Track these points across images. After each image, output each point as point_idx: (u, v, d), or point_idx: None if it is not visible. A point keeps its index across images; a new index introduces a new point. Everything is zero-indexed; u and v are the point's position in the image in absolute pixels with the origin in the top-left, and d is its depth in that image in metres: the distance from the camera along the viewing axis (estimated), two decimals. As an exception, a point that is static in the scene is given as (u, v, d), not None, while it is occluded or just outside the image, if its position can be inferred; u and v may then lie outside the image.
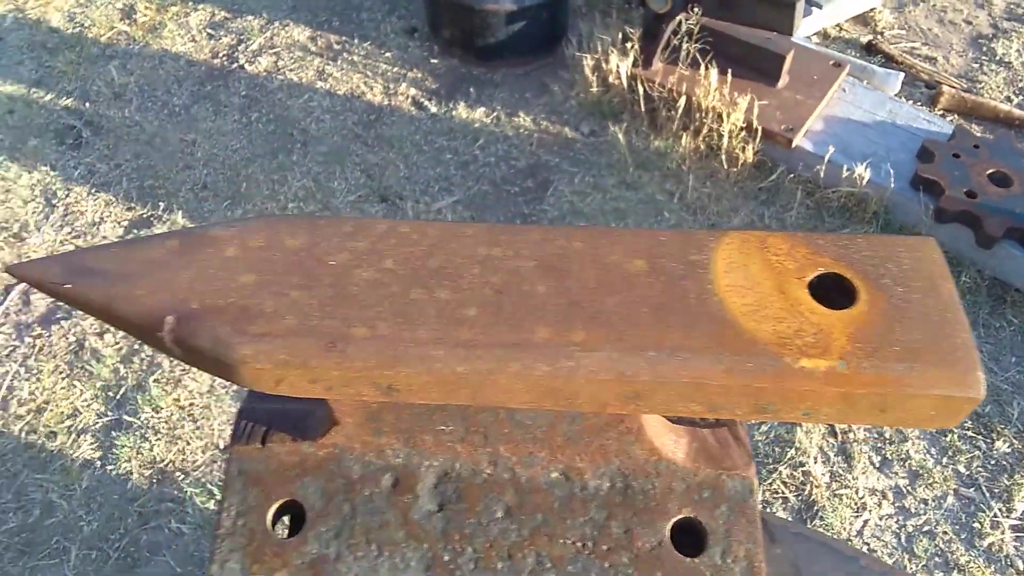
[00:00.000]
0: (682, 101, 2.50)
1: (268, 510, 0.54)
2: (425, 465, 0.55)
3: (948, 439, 1.95)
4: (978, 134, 2.53)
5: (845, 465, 1.91)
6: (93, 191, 2.55)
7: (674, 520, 0.53)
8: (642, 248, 0.42)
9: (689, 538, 0.52)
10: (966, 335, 0.40)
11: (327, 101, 2.73)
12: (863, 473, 1.89)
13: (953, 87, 2.76)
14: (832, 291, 0.42)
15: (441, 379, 0.40)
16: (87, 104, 2.76)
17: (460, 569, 0.52)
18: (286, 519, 0.57)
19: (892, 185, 2.31)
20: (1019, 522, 1.83)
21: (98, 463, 2.05)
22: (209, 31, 2.95)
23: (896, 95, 2.70)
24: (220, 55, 2.87)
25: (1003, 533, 1.81)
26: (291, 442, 0.55)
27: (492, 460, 0.55)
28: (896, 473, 1.91)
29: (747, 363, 0.39)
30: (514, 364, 0.39)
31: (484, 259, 0.42)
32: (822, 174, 2.40)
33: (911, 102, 2.66)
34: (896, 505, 1.85)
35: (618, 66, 2.57)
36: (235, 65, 2.83)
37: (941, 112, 2.71)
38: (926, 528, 1.82)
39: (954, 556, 1.77)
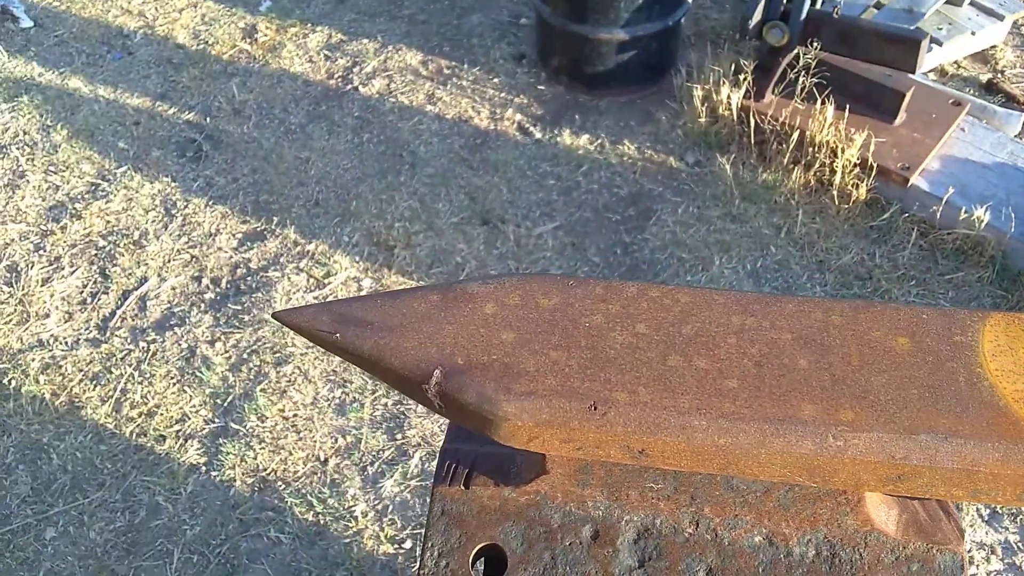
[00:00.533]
0: (795, 135, 2.47)
1: (470, 553, 0.55)
2: (626, 519, 0.55)
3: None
4: (1107, 180, 2.43)
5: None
6: (210, 203, 2.64)
7: (885, 595, 0.52)
8: (903, 325, 0.42)
9: (902, 614, 0.52)
10: None
11: (436, 124, 2.78)
12: (971, 526, 1.82)
13: (1078, 129, 2.66)
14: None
15: (698, 449, 0.40)
16: (208, 119, 2.88)
17: (667, 628, 0.52)
18: (480, 564, 0.58)
19: (1012, 230, 2.24)
20: None
21: (203, 468, 2.11)
22: (326, 52, 3.04)
23: (1017, 136, 2.61)
24: (336, 76, 2.96)
25: None
26: (494, 486, 0.56)
27: (694, 520, 0.55)
28: (1007, 528, 1.83)
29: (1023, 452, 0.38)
30: (778, 440, 0.39)
31: (739, 329, 0.42)
32: (938, 215, 2.34)
33: (1033, 143, 2.57)
34: (1006, 561, 1.78)
35: (729, 97, 2.55)
36: (349, 87, 2.91)
37: (1065, 155, 2.61)
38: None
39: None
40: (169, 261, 2.54)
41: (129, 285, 2.49)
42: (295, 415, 2.17)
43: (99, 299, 2.47)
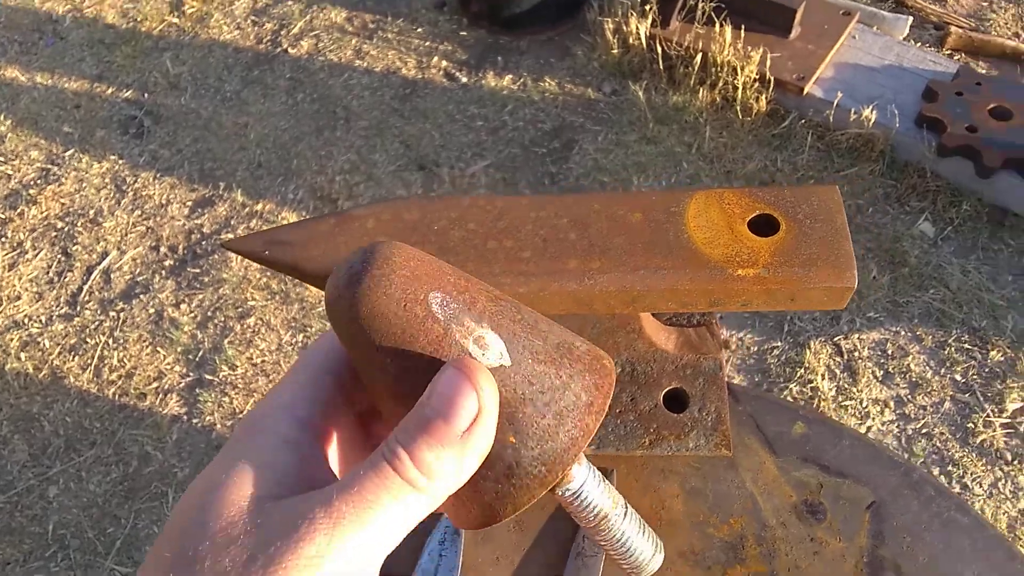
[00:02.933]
0: (699, 58, 2.67)
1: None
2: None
3: (946, 352, 2.15)
4: (983, 71, 2.67)
5: (850, 380, 2.12)
6: (158, 176, 2.80)
7: (665, 390, 0.75)
8: (639, 205, 0.64)
9: (676, 402, 0.75)
10: (848, 248, 0.61)
11: (365, 78, 2.94)
12: (867, 386, 2.10)
13: (961, 27, 2.89)
14: (764, 226, 0.63)
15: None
16: (146, 95, 3.01)
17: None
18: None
19: (897, 125, 2.47)
20: (1009, 420, 2.03)
21: (185, 417, 2.32)
22: (253, 18, 3.16)
23: (904, 38, 2.83)
24: (264, 40, 3.09)
25: (994, 431, 2.01)
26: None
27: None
28: (897, 384, 2.11)
29: (703, 274, 0.61)
30: (555, 284, 0.61)
31: (535, 219, 0.64)
32: (831, 118, 2.57)
33: (919, 44, 2.79)
34: (897, 412, 2.07)
35: (637, 27, 2.74)
36: (279, 49, 3.05)
37: (948, 52, 2.83)
38: (924, 430, 2.03)
39: (949, 453, 1.99)
40: (126, 235, 2.70)
41: (92, 261, 2.65)
42: (263, 361, 2.38)
43: (65, 277, 2.63)
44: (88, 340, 2.49)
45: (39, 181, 2.86)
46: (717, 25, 2.66)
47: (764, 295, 0.61)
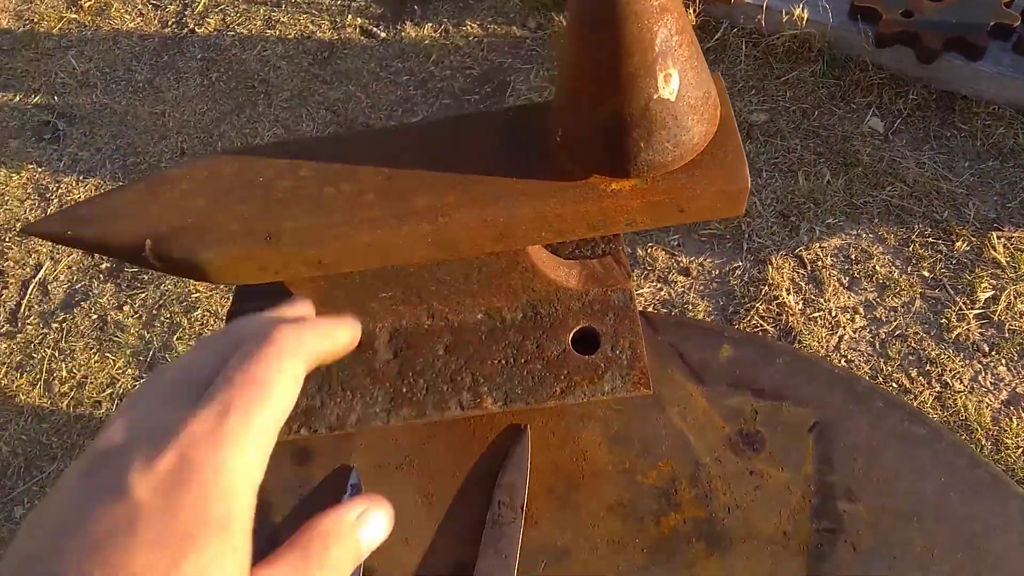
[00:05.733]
0: (618, -22, 2.55)
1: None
2: (379, 327, 0.69)
3: (911, 249, 2.09)
4: (913, -48, 2.57)
5: (816, 291, 2.06)
6: (81, 178, 2.66)
7: (573, 331, 0.67)
8: (496, 125, 0.55)
9: (586, 343, 0.67)
10: (736, 144, 0.52)
11: (280, 47, 2.80)
12: (834, 295, 2.04)
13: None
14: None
15: (354, 249, 0.54)
16: (55, 97, 2.85)
17: (415, 395, 0.67)
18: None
19: (831, 20, 2.38)
20: (982, 310, 1.98)
21: (145, 422, 2.23)
22: (153, 3, 3.00)
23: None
24: (169, 23, 2.93)
25: (968, 323, 1.96)
26: (273, 332, 0.69)
27: (430, 313, 0.69)
28: (865, 289, 2.05)
29: (572, 194, 0.52)
30: (405, 228, 0.53)
31: (377, 156, 0.55)
32: (763, 23, 2.47)
33: (845, -67, 2.69)
34: (868, 317, 2.01)
35: (552, -45, 2.61)
36: (186, 30, 2.90)
37: (877, -63, 2.73)
38: (897, 332, 1.98)
39: (926, 352, 1.94)
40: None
41: (26, 275, 2.54)
42: (214, 354, 2.29)
43: (1, 295, 2.51)
44: (34, 355, 2.38)
45: (-42, 202, 2.73)
46: (637, -59, 2.54)
47: (648, 209, 0.53)
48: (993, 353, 1.94)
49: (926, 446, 0.62)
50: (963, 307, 1.99)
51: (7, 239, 2.62)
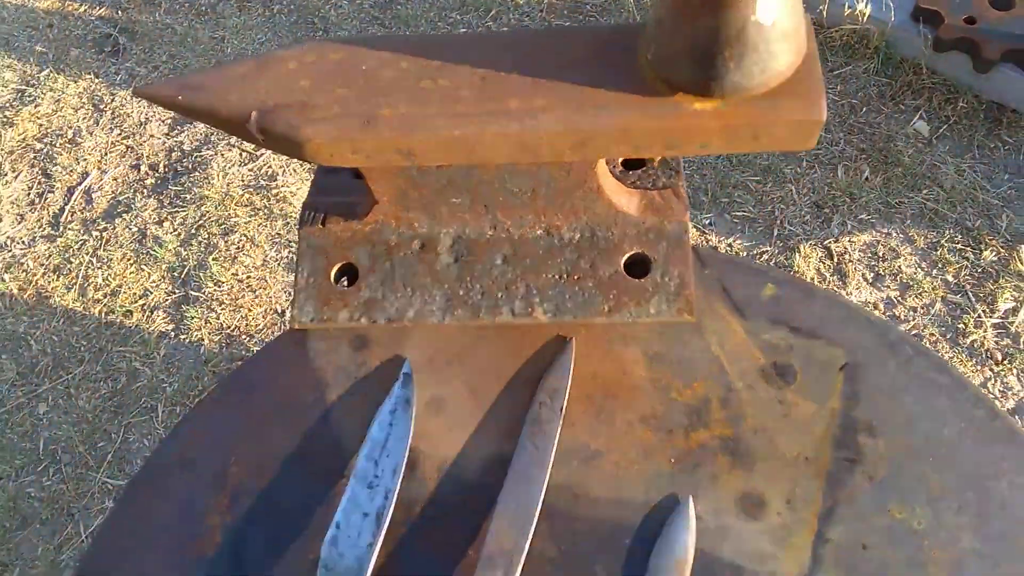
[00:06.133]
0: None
1: (331, 270, 0.74)
2: (443, 232, 0.74)
3: (938, 253, 2.11)
4: (982, -39, 2.56)
5: (840, 283, 2.09)
6: (135, 93, 2.71)
7: (627, 255, 0.71)
8: (590, 40, 0.59)
9: (638, 268, 0.71)
10: (818, 77, 0.56)
11: (343, -14, 2.84)
12: (857, 288, 2.07)
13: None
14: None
15: (444, 142, 0.58)
16: (119, 12, 2.90)
17: (471, 299, 0.72)
18: (344, 280, 0.76)
19: (893, 19, 2.38)
20: (1000, 320, 2.00)
21: (172, 334, 2.30)
22: (223, -73, 3.04)
23: (901, -71, 2.71)
24: (236, -50, 2.97)
25: (985, 331, 1.99)
26: (344, 222, 0.74)
27: (492, 224, 0.73)
28: (888, 286, 2.08)
29: (656, 110, 0.56)
30: (495, 126, 0.57)
31: (474, 57, 0.59)
32: (825, 14, 2.47)
33: (916, -65, 2.67)
34: (887, 314, 2.04)
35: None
36: (252, -41, 2.93)
37: (947, -57, 2.72)
38: (914, 332, 2.00)
39: (939, 354, 1.96)
40: (106, 154, 2.64)
41: (72, 182, 2.60)
42: (248, 277, 2.35)
43: (46, 198, 2.58)
44: (72, 260, 2.45)
45: (15, 103, 2.79)
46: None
47: (725, 133, 0.56)
48: (1005, 362, 1.96)
49: (948, 394, 0.66)
50: (982, 315, 2.02)
51: (58, 144, 2.68)
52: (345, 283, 0.74)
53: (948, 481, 0.62)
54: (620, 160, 0.76)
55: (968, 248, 2.12)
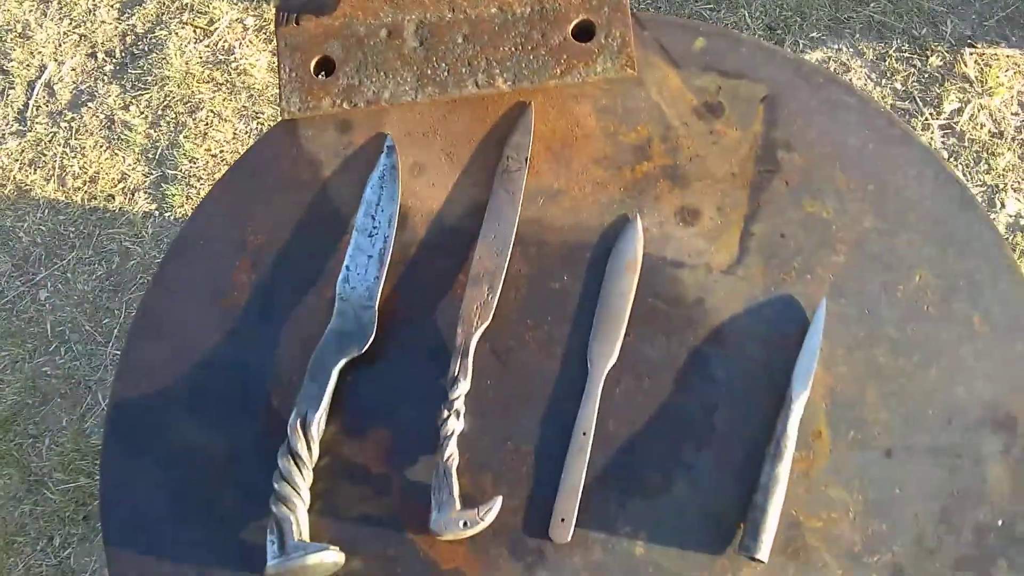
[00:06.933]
0: None
1: (310, 64, 0.83)
2: (407, 19, 0.83)
3: (887, 63, 2.20)
4: None
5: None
6: (81, -20, 2.68)
7: (574, 23, 0.81)
8: None
9: (584, 34, 0.81)
10: None
11: None
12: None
13: None
14: None
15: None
16: None
17: (439, 76, 0.82)
18: (323, 74, 0.85)
19: None
20: (947, 121, 2.12)
21: (156, 212, 2.37)
22: None
23: None
24: None
25: (932, 132, 2.11)
26: (315, 19, 0.83)
27: (451, 6, 0.82)
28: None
29: None
30: None
31: None
32: None
33: None
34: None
35: None
36: None
37: None
38: (863, 134, 2.12)
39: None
40: (60, 45, 2.63)
41: (31, 76, 2.60)
42: (221, 151, 2.40)
43: (8, 95, 2.59)
44: (45, 152, 2.49)
45: (-44, 1, 2.75)
46: None
47: None
48: (951, 159, 2.09)
49: (854, 111, 0.77)
50: (928, 117, 2.13)
51: (9, 39, 2.66)
52: (324, 76, 0.84)
53: (853, 178, 0.74)
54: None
55: (915, 56, 2.21)
